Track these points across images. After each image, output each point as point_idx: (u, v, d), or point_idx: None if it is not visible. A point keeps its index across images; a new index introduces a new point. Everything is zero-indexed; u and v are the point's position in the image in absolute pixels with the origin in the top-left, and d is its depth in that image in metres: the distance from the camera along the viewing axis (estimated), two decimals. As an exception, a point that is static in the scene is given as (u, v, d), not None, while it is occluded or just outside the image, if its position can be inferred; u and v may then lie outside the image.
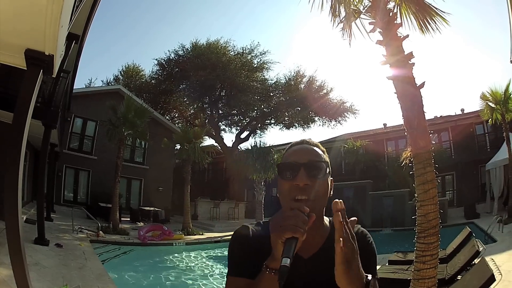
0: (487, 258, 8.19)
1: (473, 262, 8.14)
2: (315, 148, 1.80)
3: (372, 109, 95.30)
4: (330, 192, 1.74)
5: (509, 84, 20.22)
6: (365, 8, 7.43)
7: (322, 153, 1.80)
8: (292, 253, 1.31)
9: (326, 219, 1.82)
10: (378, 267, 10.85)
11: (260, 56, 40.97)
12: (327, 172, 1.71)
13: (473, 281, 6.45)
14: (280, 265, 1.27)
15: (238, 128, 43.77)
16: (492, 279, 6.01)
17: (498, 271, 8.79)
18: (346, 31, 7.68)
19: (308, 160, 1.67)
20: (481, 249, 8.56)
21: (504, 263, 9.98)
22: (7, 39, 4.27)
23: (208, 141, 40.47)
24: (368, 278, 1.45)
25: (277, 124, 42.85)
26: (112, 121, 22.19)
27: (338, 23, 7.80)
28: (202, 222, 30.83)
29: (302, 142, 1.85)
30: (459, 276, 7.88)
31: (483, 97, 21.38)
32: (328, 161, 1.78)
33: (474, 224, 19.26)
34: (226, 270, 1.73)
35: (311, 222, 1.44)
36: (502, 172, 21.97)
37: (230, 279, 1.68)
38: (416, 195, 6.17)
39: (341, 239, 1.35)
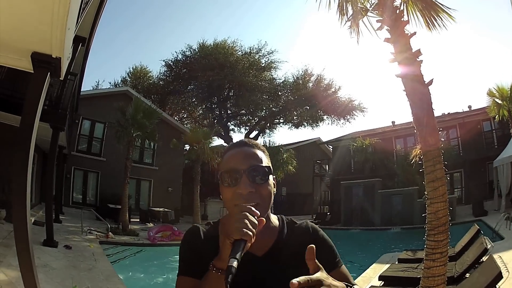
0: (495, 256, 8.17)
1: (481, 259, 8.11)
2: (254, 150, 1.73)
3: (381, 107, 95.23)
4: (274, 190, 1.71)
5: (515, 80, 20.15)
6: (372, 6, 7.42)
7: (263, 154, 1.74)
8: (240, 254, 1.28)
9: (274, 217, 1.82)
10: (387, 265, 10.85)
11: (267, 56, 41.12)
12: (270, 173, 1.67)
13: (481, 279, 6.43)
14: (227, 265, 1.25)
15: (247, 128, 43.91)
16: (499, 276, 5.98)
17: (506, 268, 8.76)
18: (354, 29, 7.69)
19: (250, 166, 1.62)
20: (489, 246, 8.55)
21: (511, 261, 9.95)
22: (13, 42, 4.27)
23: (217, 141, 40.53)
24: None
25: (285, 123, 42.94)
26: (121, 122, 22.27)
27: (346, 21, 7.81)
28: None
29: (241, 143, 1.79)
30: (467, 274, 7.86)
31: (490, 93, 21.31)
32: (269, 161, 1.75)
33: (482, 222, 19.24)
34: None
35: (261, 226, 1.41)
36: (510, 169, 21.86)
37: (179, 279, 1.68)
38: (425, 192, 6.15)
39: None
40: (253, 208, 1.41)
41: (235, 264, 1.24)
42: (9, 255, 9.06)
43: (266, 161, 1.70)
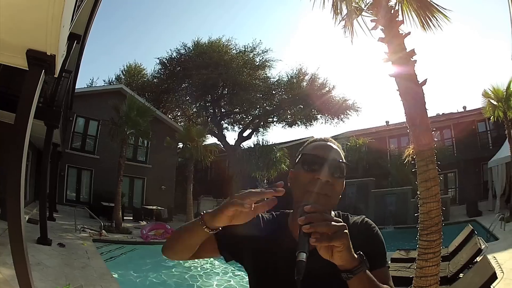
0: (489, 256, 8.20)
1: (475, 260, 8.14)
2: (338, 149, 1.80)
3: (375, 107, 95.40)
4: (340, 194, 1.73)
5: (511, 81, 20.18)
6: (367, 6, 7.43)
7: (342, 156, 1.79)
8: (308, 247, 1.26)
9: (333, 213, 1.82)
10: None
11: (262, 54, 41.01)
12: (345, 173, 1.72)
13: (475, 279, 6.45)
14: (297, 260, 1.23)
15: (241, 126, 43.82)
16: (494, 277, 6.01)
17: (500, 269, 8.81)
18: (348, 28, 7.69)
19: (334, 158, 1.68)
20: (483, 247, 8.57)
21: (506, 261, 10.00)
22: (8, 39, 4.26)
23: (211, 140, 40.43)
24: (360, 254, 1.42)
25: (279, 122, 42.87)
26: (115, 120, 22.24)
27: (340, 21, 7.81)
28: (205, 221, 30.80)
29: (327, 139, 1.84)
30: (461, 274, 7.88)
31: (485, 94, 21.35)
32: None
33: (476, 222, 19.32)
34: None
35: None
36: (504, 170, 21.94)
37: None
38: (418, 192, 6.17)
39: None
40: (319, 207, 1.36)
41: (304, 257, 1.24)
42: (3, 253, 9.05)
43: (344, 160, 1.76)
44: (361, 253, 1.41)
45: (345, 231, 1.31)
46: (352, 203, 30.54)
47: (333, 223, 1.30)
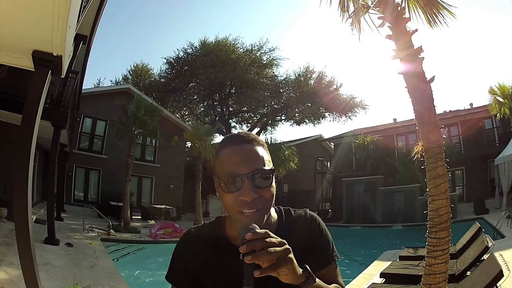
0: (496, 254, 8.16)
1: (482, 258, 8.11)
2: (254, 147, 1.54)
3: (382, 104, 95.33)
4: (275, 187, 1.58)
5: (517, 78, 20.15)
6: (374, 3, 7.41)
7: (263, 151, 1.56)
8: (253, 280, 1.21)
9: (272, 210, 1.71)
10: (389, 263, 10.83)
11: (269, 53, 41.24)
12: (273, 174, 1.51)
13: (482, 277, 6.43)
14: None
15: (249, 125, 44.01)
16: (500, 274, 5.98)
17: (507, 267, 8.76)
18: (355, 26, 7.67)
19: (252, 170, 1.44)
20: (490, 244, 8.53)
21: (512, 259, 9.95)
22: (14, 41, 4.27)
23: (219, 138, 40.56)
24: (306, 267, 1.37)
25: (287, 120, 43.07)
26: (122, 120, 22.28)
27: (347, 18, 7.80)
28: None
29: (238, 139, 1.58)
30: (468, 272, 7.86)
31: (491, 91, 21.31)
32: (269, 156, 1.59)
33: (483, 220, 19.26)
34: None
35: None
36: (511, 167, 21.86)
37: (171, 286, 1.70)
38: (427, 190, 6.15)
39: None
40: (260, 232, 1.27)
41: None
42: (10, 253, 9.07)
43: (268, 160, 1.54)
44: (307, 267, 1.37)
45: (289, 255, 1.28)
46: (360, 200, 30.53)
47: (276, 248, 1.25)
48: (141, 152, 33.96)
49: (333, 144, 43.03)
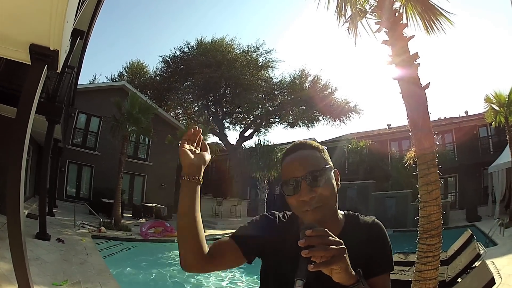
0: (488, 261, 8.19)
1: (474, 265, 8.13)
2: (309, 151, 1.73)
3: (377, 109, 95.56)
4: (338, 184, 1.71)
5: (513, 87, 20.20)
6: (371, 8, 7.44)
7: (318, 153, 1.74)
8: (306, 273, 1.29)
9: (340, 212, 1.84)
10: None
11: (265, 55, 41.10)
12: (329, 172, 1.66)
13: (473, 284, 6.46)
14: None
15: (242, 126, 43.91)
16: (492, 282, 6.00)
17: (498, 274, 8.79)
18: (352, 30, 7.70)
19: (307, 172, 1.61)
20: (482, 252, 8.58)
21: (504, 267, 9.97)
22: (12, 34, 4.26)
23: (212, 139, 40.63)
24: (358, 270, 1.43)
25: (281, 123, 42.96)
26: (116, 117, 22.23)
27: (344, 23, 7.83)
28: (205, 219, 30.60)
29: (295, 148, 1.78)
30: (459, 279, 7.88)
31: (487, 99, 21.33)
32: (327, 156, 1.77)
33: (476, 227, 19.31)
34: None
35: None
36: (505, 175, 21.94)
37: (225, 238, 1.78)
38: (419, 195, 6.17)
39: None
40: (319, 229, 1.37)
41: (301, 285, 1.27)
42: (2, 247, 9.04)
43: (323, 161, 1.71)
44: (360, 270, 1.43)
45: (344, 254, 1.34)
46: (353, 205, 30.55)
47: (332, 246, 1.31)
48: (134, 150, 33.91)
49: (326, 147, 43.10)
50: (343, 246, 1.34)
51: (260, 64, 40.59)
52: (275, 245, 1.71)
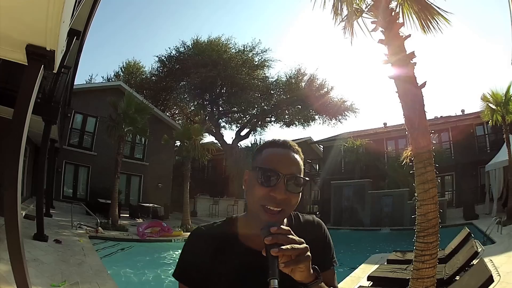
0: (486, 259, 8.19)
1: (472, 263, 8.14)
2: (297, 156, 1.67)
3: (373, 108, 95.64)
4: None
5: (510, 86, 20.24)
6: (367, 7, 7.44)
7: (302, 163, 1.69)
8: (278, 272, 1.29)
9: None
10: (376, 266, 10.88)
11: (261, 54, 41.12)
12: (305, 186, 1.66)
13: (471, 281, 6.45)
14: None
15: (238, 125, 43.92)
16: (490, 280, 6.00)
17: (497, 272, 8.80)
18: (348, 29, 7.70)
19: (292, 174, 1.57)
20: (480, 250, 8.55)
21: (502, 265, 9.99)
22: (8, 34, 4.25)
23: (208, 138, 40.60)
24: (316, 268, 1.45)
25: (277, 122, 43.01)
26: (113, 117, 22.22)
27: (340, 22, 7.82)
28: (201, 219, 30.89)
29: (285, 145, 1.70)
30: (457, 277, 7.88)
31: (484, 98, 21.38)
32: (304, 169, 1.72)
33: (473, 225, 19.33)
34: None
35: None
36: (502, 173, 22.00)
37: (179, 285, 1.71)
38: (416, 194, 6.18)
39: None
40: (284, 228, 1.40)
41: (276, 284, 1.25)
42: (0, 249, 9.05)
43: (304, 174, 1.67)
44: (316, 267, 1.45)
45: (308, 253, 1.36)
46: (349, 204, 30.61)
47: (297, 246, 1.34)
48: (130, 150, 33.97)
49: (322, 147, 43.25)
50: (306, 245, 1.37)
51: (256, 63, 40.62)
52: (216, 264, 1.61)
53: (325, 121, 41.79)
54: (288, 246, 1.31)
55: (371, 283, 9.18)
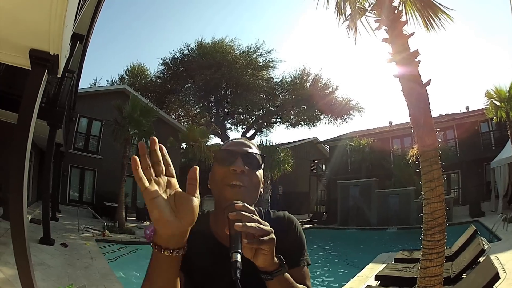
0: (492, 257, 8.16)
1: (478, 260, 8.11)
2: (252, 145, 1.82)
3: (378, 107, 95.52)
4: (262, 186, 1.77)
5: (513, 82, 20.18)
6: (371, 6, 7.42)
7: (258, 151, 1.81)
8: (241, 247, 1.27)
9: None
10: (383, 265, 10.84)
11: (265, 55, 41.23)
12: (261, 165, 1.75)
13: (478, 279, 6.43)
14: (232, 261, 1.23)
15: (244, 126, 43.98)
16: (496, 277, 5.97)
17: (503, 269, 8.78)
18: (352, 28, 7.69)
19: (246, 151, 1.72)
20: (486, 247, 8.52)
21: (508, 262, 9.96)
22: (11, 39, 4.26)
23: (214, 140, 40.64)
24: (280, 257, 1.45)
25: (283, 123, 43.05)
26: (118, 120, 22.24)
27: (344, 21, 7.81)
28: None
29: (239, 138, 1.88)
30: (464, 275, 7.86)
31: (488, 95, 21.31)
32: (262, 160, 1.79)
33: (479, 223, 19.22)
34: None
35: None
36: (507, 170, 21.90)
37: None
38: (422, 193, 6.15)
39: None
40: (249, 207, 1.39)
41: (239, 258, 1.23)
42: (6, 253, 9.05)
43: (260, 159, 1.76)
44: (281, 256, 1.45)
45: (273, 235, 1.35)
46: (355, 203, 30.55)
47: (262, 226, 1.33)
48: (136, 153, 33.80)
49: (328, 146, 43.18)
50: (271, 228, 1.36)
51: (261, 64, 40.66)
52: (193, 252, 1.50)
53: (331, 120, 41.86)
54: (253, 224, 1.31)
55: (379, 282, 9.16)
